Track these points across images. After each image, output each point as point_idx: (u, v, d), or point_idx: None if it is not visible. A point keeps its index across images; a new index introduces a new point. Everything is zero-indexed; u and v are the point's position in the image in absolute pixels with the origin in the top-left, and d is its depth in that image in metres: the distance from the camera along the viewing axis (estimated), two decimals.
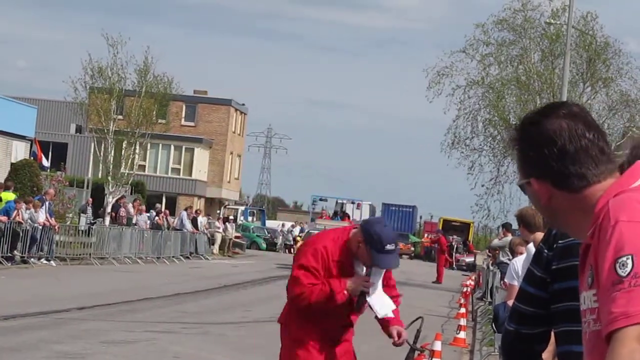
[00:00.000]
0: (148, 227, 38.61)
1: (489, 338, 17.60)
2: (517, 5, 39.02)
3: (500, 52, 39.44)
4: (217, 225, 47.96)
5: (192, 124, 70.63)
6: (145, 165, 63.36)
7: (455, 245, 63.31)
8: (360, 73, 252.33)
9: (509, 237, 18.45)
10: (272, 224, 76.37)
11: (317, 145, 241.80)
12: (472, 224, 70.79)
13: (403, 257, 63.87)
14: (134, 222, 38.18)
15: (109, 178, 41.82)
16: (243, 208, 79.76)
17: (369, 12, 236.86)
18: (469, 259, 61.78)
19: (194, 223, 42.69)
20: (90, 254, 32.50)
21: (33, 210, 28.88)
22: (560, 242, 3.33)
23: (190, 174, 68.10)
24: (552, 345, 3.45)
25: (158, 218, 40.54)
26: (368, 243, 6.31)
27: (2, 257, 27.20)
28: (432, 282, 38.51)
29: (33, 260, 28.73)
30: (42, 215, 29.20)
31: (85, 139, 59.31)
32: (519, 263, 9.07)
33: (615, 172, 2.58)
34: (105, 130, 42.07)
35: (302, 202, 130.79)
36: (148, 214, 40.47)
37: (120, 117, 42.93)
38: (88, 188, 45.03)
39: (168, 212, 46.60)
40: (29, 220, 28.52)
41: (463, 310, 20.32)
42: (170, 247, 38.95)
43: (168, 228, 40.54)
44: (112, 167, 42.08)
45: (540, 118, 2.63)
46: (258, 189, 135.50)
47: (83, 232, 33.61)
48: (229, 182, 74.02)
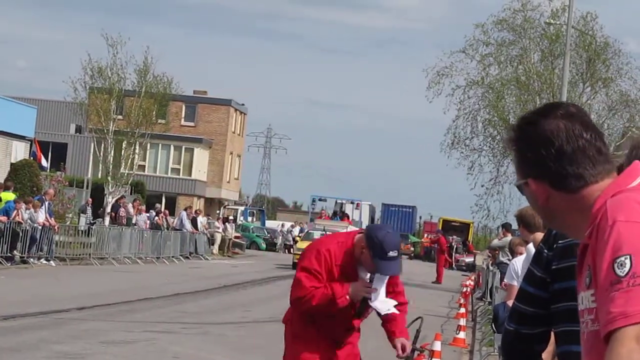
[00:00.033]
0: (148, 227, 38.61)
1: (489, 338, 17.60)
2: (516, 6, 39.04)
3: (500, 52, 39.43)
4: (216, 226, 47.95)
5: (191, 124, 70.62)
6: (145, 166, 63.35)
7: (455, 246, 63.28)
8: (360, 73, 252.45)
9: (509, 237, 18.45)
10: (271, 224, 76.35)
11: (317, 145, 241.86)
12: (471, 224, 70.74)
13: (403, 257, 63.70)
14: (134, 222, 38.18)
15: (109, 178, 41.81)
16: (243, 208, 79.72)
17: (369, 12, 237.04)
18: (469, 259, 61.67)
19: (194, 223, 42.68)
20: (90, 254, 32.49)
21: (33, 211, 28.88)
22: (560, 242, 3.33)
23: (190, 174, 68.09)
24: (551, 346, 3.45)
25: (158, 218, 40.54)
26: (371, 249, 6.30)
27: (1, 257, 27.19)
28: (431, 282, 38.51)
29: (33, 261, 28.73)
30: (41, 216, 29.20)
31: (85, 139, 59.29)
32: (519, 263, 9.07)
33: (613, 172, 2.58)
34: (105, 131, 42.07)
35: (301, 202, 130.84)
36: (148, 214, 40.46)
37: (120, 117, 42.92)
38: (88, 188, 45.04)
39: (168, 212, 46.59)
40: (29, 221, 28.51)
41: (463, 311, 20.32)
42: (170, 247, 38.94)
43: (168, 228, 40.53)
44: (111, 167, 42.07)
45: (538, 118, 2.63)
46: (258, 189, 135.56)
47: (83, 232, 33.60)
48: (229, 182, 74.01)
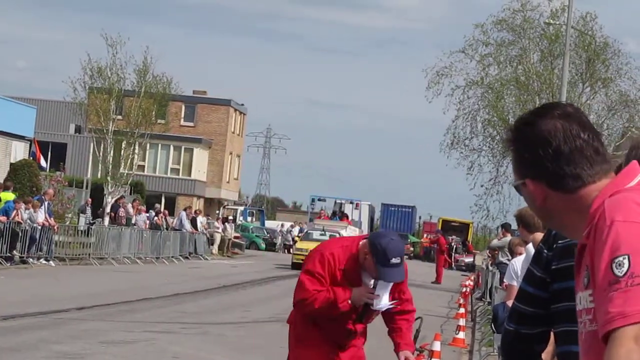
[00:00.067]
0: (147, 227, 38.61)
1: (488, 338, 17.60)
2: (516, 6, 39.04)
3: (500, 52, 39.43)
4: (216, 226, 47.95)
5: (191, 124, 70.62)
6: (145, 166, 63.36)
7: (455, 246, 63.32)
8: (360, 73, 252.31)
9: (508, 237, 18.45)
10: (271, 224, 76.37)
11: (316, 146, 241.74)
12: (471, 224, 70.79)
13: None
14: (133, 222, 38.17)
15: (108, 178, 41.80)
16: (242, 208, 79.71)
17: (369, 12, 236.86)
18: (468, 259, 61.65)
19: (193, 223, 42.68)
20: (90, 254, 32.49)
21: (32, 211, 28.88)
22: (560, 242, 3.33)
23: (190, 174, 68.09)
24: (551, 346, 3.45)
25: (157, 218, 40.54)
26: (374, 255, 6.31)
27: (1, 257, 27.19)
28: (431, 282, 38.52)
29: (32, 261, 28.73)
30: (41, 216, 29.20)
31: (85, 139, 59.29)
32: (518, 263, 9.08)
33: (611, 172, 2.58)
34: (105, 131, 42.07)
35: (301, 202, 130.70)
36: (147, 214, 40.46)
37: (120, 117, 42.92)
38: (87, 188, 45.06)
39: (167, 212, 46.61)
40: (28, 221, 28.51)
41: (462, 311, 20.33)
42: (170, 247, 38.94)
43: (167, 228, 40.54)
44: (111, 167, 42.07)
45: (535, 119, 2.64)
46: (257, 189, 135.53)
47: (82, 232, 33.60)
48: (228, 182, 74.01)
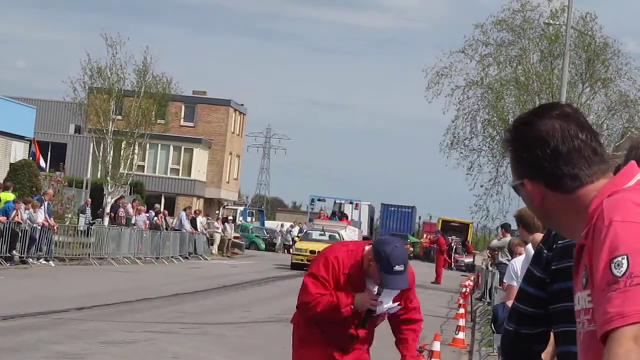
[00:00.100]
0: (147, 227, 38.60)
1: (488, 338, 17.60)
2: (516, 6, 39.02)
3: (499, 52, 39.41)
4: (216, 226, 47.95)
5: (191, 124, 70.61)
6: (144, 166, 63.35)
7: (454, 246, 63.31)
8: (360, 73, 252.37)
9: (508, 237, 18.45)
10: (271, 224, 76.38)
11: (316, 146, 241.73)
12: (471, 225, 70.80)
13: None
14: (133, 222, 38.17)
15: (108, 178, 41.81)
16: (242, 208, 79.72)
17: (369, 12, 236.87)
18: (468, 260, 61.68)
19: (193, 223, 42.68)
20: (89, 254, 32.49)
21: (32, 211, 28.88)
22: (560, 242, 3.33)
23: (189, 174, 68.08)
24: (551, 346, 3.45)
25: (157, 218, 40.53)
26: (378, 262, 6.30)
27: (1, 257, 27.19)
28: (431, 282, 38.50)
29: (32, 261, 28.72)
30: (41, 216, 29.20)
31: (84, 139, 59.28)
32: (518, 264, 9.08)
33: (609, 172, 2.58)
34: (104, 131, 42.07)
35: (301, 202, 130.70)
36: (147, 214, 40.45)
37: (119, 117, 42.93)
38: (87, 188, 45.04)
39: (167, 212, 46.61)
40: (28, 221, 28.51)
41: (462, 311, 20.33)
42: (169, 247, 38.94)
43: (167, 228, 40.53)
44: (111, 167, 42.07)
45: (533, 119, 2.64)
46: (257, 189, 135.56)
47: (82, 232, 33.60)
48: (228, 182, 74.01)
